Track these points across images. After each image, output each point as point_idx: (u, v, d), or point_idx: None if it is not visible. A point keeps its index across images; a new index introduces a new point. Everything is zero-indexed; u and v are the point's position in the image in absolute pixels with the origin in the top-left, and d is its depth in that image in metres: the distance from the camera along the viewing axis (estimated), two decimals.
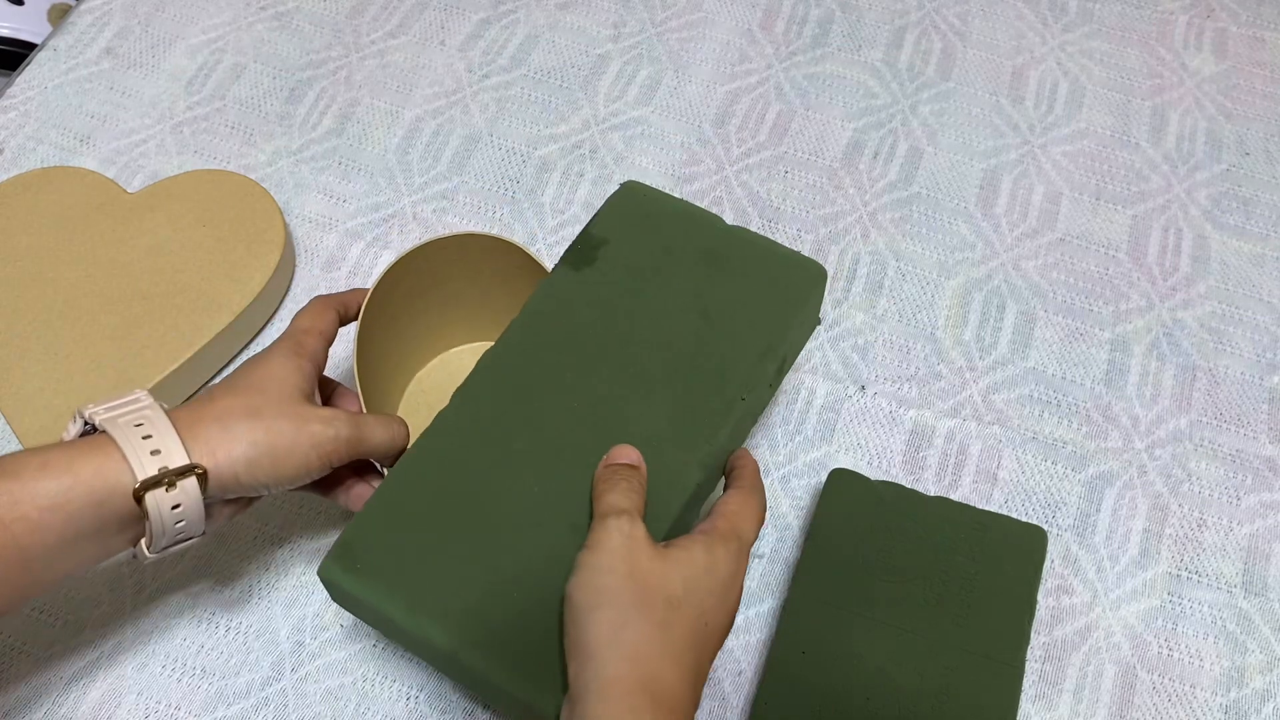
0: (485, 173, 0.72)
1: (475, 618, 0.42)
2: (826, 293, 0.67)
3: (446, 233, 0.58)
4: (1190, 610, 0.57)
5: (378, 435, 0.48)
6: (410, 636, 0.43)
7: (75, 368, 0.59)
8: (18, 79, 0.75)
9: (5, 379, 0.59)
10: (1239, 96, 0.76)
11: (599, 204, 0.69)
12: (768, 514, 0.59)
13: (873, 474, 0.58)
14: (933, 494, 0.58)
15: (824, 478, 0.58)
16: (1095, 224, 0.70)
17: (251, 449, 0.43)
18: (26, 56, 0.77)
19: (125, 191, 0.67)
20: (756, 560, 0.58)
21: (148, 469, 0.41)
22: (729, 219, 0.70)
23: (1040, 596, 0.55)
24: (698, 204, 0.70)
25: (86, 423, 0.43)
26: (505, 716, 0.53)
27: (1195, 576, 0.58)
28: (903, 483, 0.60)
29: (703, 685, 0.40)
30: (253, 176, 0.70)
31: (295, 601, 0.56)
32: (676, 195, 0.70)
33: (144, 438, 0.41)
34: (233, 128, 0.73)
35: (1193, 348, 0.65)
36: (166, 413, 0.43)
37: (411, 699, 0.54)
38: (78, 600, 0.56)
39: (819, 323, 0.52)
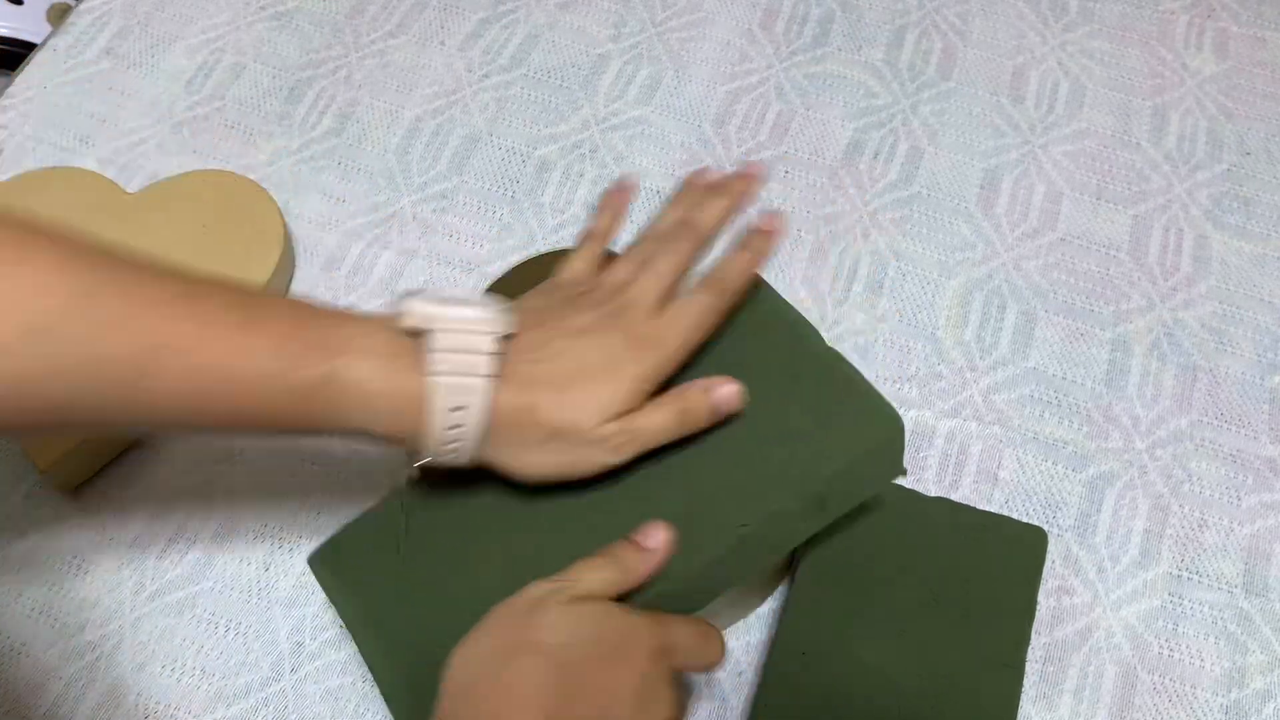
0: (485, 173, 0.72)
1: (416, 667, 0.43)
2: (828, 293, 0.67)
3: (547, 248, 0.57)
4: (1191, 611, 0.57)
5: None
6: (361, 648, 0.45)
7: None
8: (17, 79, 0.75)
9: None
10: (1240, 96, 0.76)
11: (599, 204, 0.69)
12: None
13: None
14: (933, 494, 0.58)
15: None
16: (1096, 224, 0.70)
17: (541, 471, 0.43)
18: (26, 56, 0.77)
19: (125, 192, 0.67)
20: None
21: (440, 456, 0.42)
22: None
23: (1041, 597, 0.55)
24: None
25: (420, 330, 0.41)
26: None
27: (1196, 577, 0.58)
28: (903, 483, 0.60)
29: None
30: (252, 176, 0.70)
31: (295, 601, 0.56)
32: None
33: (450, 440, 0.41)
34: (232, 127, 0.73)
35: (1194, 348, 0.65)
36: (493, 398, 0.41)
37: None
38: (78, 600, 0.56)
39: (904, 473, 0.46)
